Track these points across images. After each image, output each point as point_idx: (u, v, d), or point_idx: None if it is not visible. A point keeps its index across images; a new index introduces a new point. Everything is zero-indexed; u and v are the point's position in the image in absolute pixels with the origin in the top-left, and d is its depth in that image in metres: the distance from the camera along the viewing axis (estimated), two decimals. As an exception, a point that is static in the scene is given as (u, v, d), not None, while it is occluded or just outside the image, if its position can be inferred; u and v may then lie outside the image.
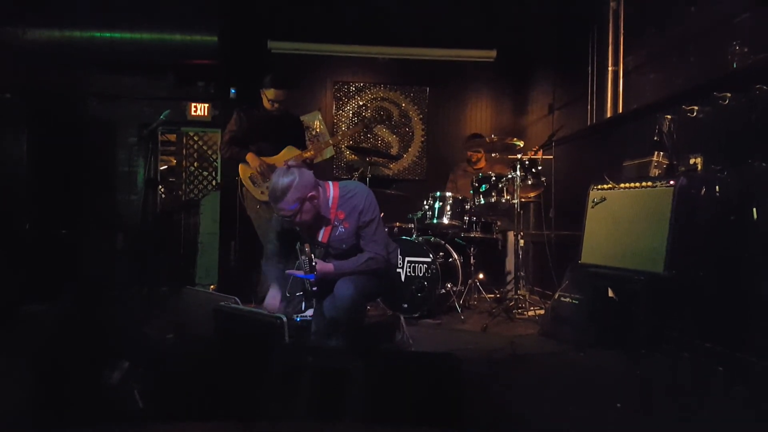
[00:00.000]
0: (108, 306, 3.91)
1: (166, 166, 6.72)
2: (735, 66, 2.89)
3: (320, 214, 2.56)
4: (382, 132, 5.91)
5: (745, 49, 2.87)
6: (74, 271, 4.89)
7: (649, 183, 3.00)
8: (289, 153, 3.99)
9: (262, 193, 3.98)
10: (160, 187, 6.34)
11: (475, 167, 4.99)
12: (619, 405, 2.04)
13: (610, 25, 4.11)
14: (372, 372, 1.56)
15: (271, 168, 3.92)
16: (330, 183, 2.64)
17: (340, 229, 2.59)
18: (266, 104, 4.04)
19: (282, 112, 4.09)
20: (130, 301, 4.21)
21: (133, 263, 5.19)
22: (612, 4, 4.11)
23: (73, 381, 1.94)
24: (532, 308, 4.11)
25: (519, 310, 4.04)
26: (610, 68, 4.11)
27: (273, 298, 2.71)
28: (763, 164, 2.60)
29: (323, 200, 2.56)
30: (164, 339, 2.70)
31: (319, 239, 2.61)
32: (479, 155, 4.97)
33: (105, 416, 1.82)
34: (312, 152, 4.04)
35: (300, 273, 2.50)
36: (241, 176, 4.05)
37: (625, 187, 3.16)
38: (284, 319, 2.07)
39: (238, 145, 4.04)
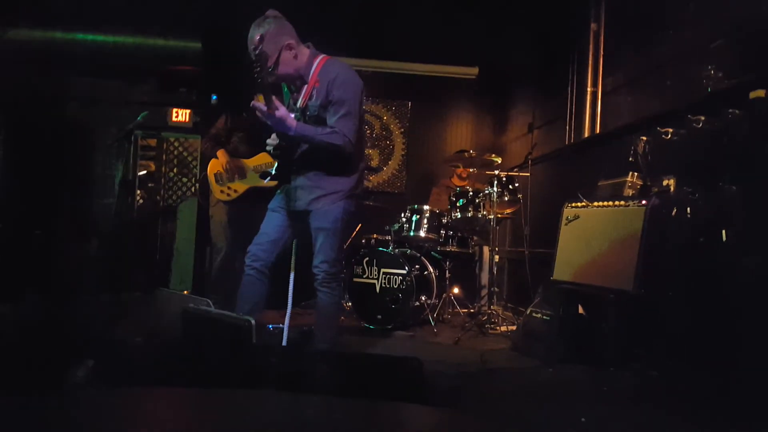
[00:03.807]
0: (76, 307, 3.82)
1: (145, 171, 6.64)
2: (709, 90, 2.95)
3: (300, 73, 2.47)
4: (363, 144, 5.93)
5: (720, 74, 2.94)
6: (45, 272, 4.77)
7: (622, 202, 3.03)
8: (262, 159, 3.83)
9: (221, 192, 3.86)
10: (139, 192, 6.25)
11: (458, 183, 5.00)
12: (583, 419, 2.03)
13: (591, 47, 4.18)
14: (336, 373, 1.54)
15: (239, 167, 3.80)
16: (322, 55, 2.55)
17: (314, 96, 2.48)
18: None
19: None
20: (100, 304, 4.12)
21: (106, 267, 5.09)
22: (593, 26, 4.19)
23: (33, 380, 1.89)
24: (504, 324, 4.11)
25: (491, 325, 4.04)
26: (589, 89, 4.18)
27: None
28: (733, 187, 2.65)
29: (304, 60, 2.47)
30: (132, 341, 2.64)
31: (298, 105, 2.52)
32: (467, 171, 4.95)
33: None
34: None
35: (263, 107, 2.30)
36: (208, 171, 3.94)
37: (598, 206, 3.19)
38: (252, 321, 2.04)
39: (215, 142, 3.93)
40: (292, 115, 2.41)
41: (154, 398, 1.18)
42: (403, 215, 4.36)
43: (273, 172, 2.60)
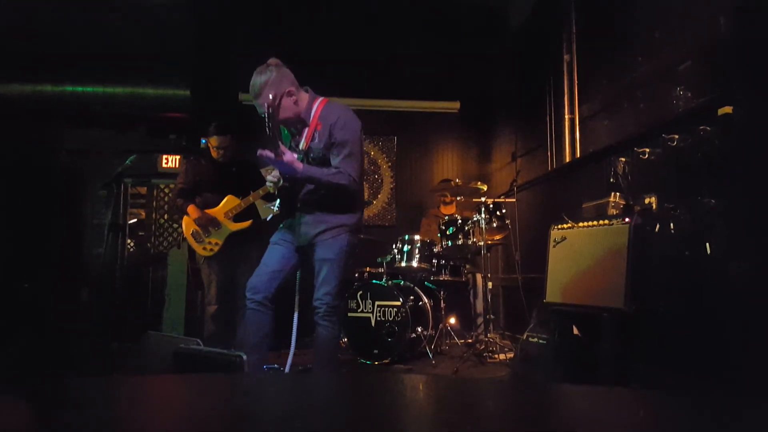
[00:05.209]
0: (64, 356, 3.77)
1: (135, 220, 6.64)
2: (680, 110, 3.08)
3: (301, 117, 2.54)
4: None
5: (689, 94, 3.07)
6: (34, 323, 4.72)
7: (606, 221, 3.09)
8: (229, 203, 3.83)
9: (204, 249, 3.81)
10: (129, 240, 6.25)
11: (445, 211, 5.07)
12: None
13: (565, 76, 4.34)
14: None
15: (211, 219, 3.77)
16: (321, 98, 2.63)
17: (317, 139, 2.54)
18: (213, 153, 3.93)
19: (228, 159, 3.94)
20: (90, 354, 4.07)
21: (97, 317, 5.06)
22: (566, 57, 4.36)
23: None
24: (502, 352, 4.09)
25: (489, 354, 4.02)
26: (566, 116, 4.31)
27: None
28: (712, 200, 2.73)
29: (304, 104, 2.55)
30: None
31: (300, 148, 2.58)
32: (451, 198, 5.04)
33: None
34: (251, 198, 3.82)
35: (271, 155, 2.35)
36: (184, 232, 3.88)
37: (583, 226, 3.25)
38: (243, 357, 2.05)
39: (184, 197, 3.88)
40: (295, 156, 2.49)
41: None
42: (394, 247, 4.39)
43: (276, 209, 2.65)
